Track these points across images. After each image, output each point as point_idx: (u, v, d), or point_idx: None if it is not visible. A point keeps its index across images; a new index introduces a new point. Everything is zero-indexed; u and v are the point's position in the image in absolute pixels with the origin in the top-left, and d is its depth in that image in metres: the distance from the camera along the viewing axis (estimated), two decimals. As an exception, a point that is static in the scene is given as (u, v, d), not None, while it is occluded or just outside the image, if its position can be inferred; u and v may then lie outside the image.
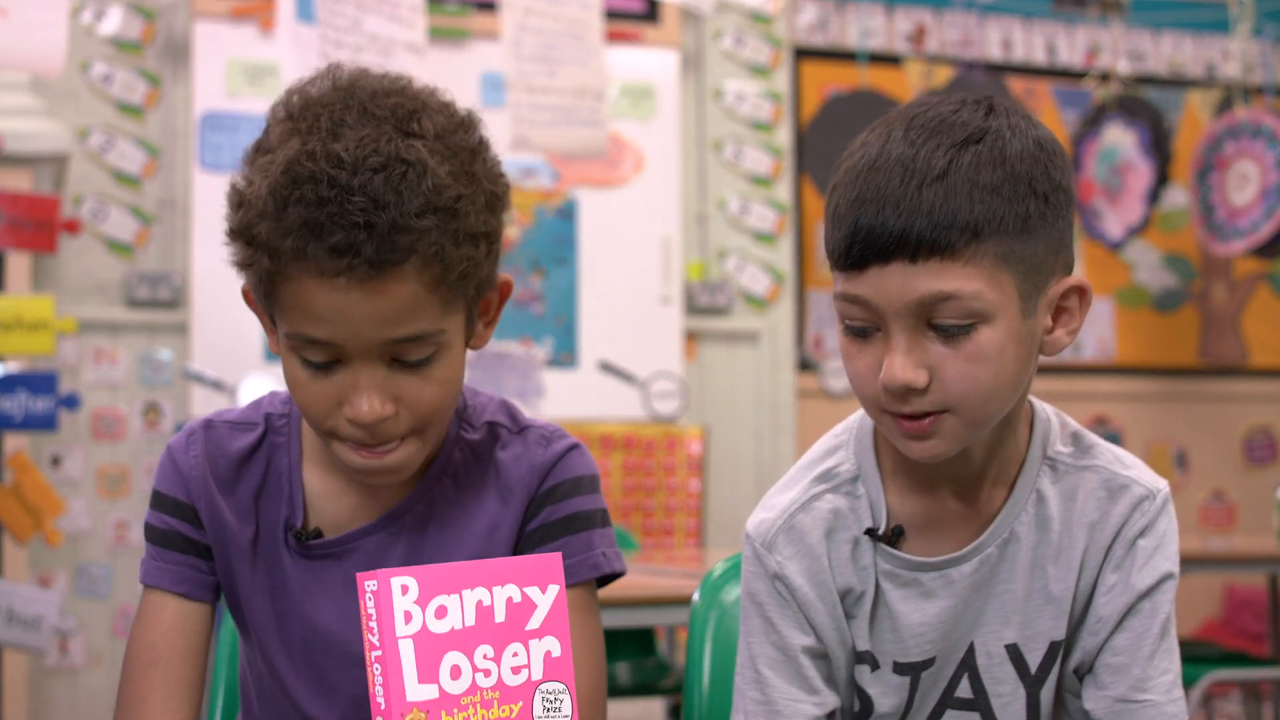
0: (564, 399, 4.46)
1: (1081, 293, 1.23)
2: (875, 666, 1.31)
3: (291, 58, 3.46)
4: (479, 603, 1.04)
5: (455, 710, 1.02)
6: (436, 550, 1.36)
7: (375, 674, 1.01)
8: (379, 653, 1.00)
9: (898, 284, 1.16)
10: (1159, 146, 4.95)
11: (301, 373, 1.26)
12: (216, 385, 4.13)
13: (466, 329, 1.31)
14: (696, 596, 1.60)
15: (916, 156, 1.16)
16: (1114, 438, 5.48)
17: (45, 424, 3.20)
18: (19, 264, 3.92)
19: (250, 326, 4.32)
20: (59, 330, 3.18)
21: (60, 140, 4.04)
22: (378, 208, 1.19)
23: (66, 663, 4.23)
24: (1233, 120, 5.00)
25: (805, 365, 5.07)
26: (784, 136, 5.00)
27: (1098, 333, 5.52)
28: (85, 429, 4.27)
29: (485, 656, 1.04)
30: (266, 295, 1.25)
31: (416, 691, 1.00)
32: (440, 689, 1.01)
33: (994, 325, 1.17)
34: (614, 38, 4.54)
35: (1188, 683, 3.19)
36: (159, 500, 1.37)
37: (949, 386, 1.17)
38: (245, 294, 1.33)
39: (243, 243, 1.24)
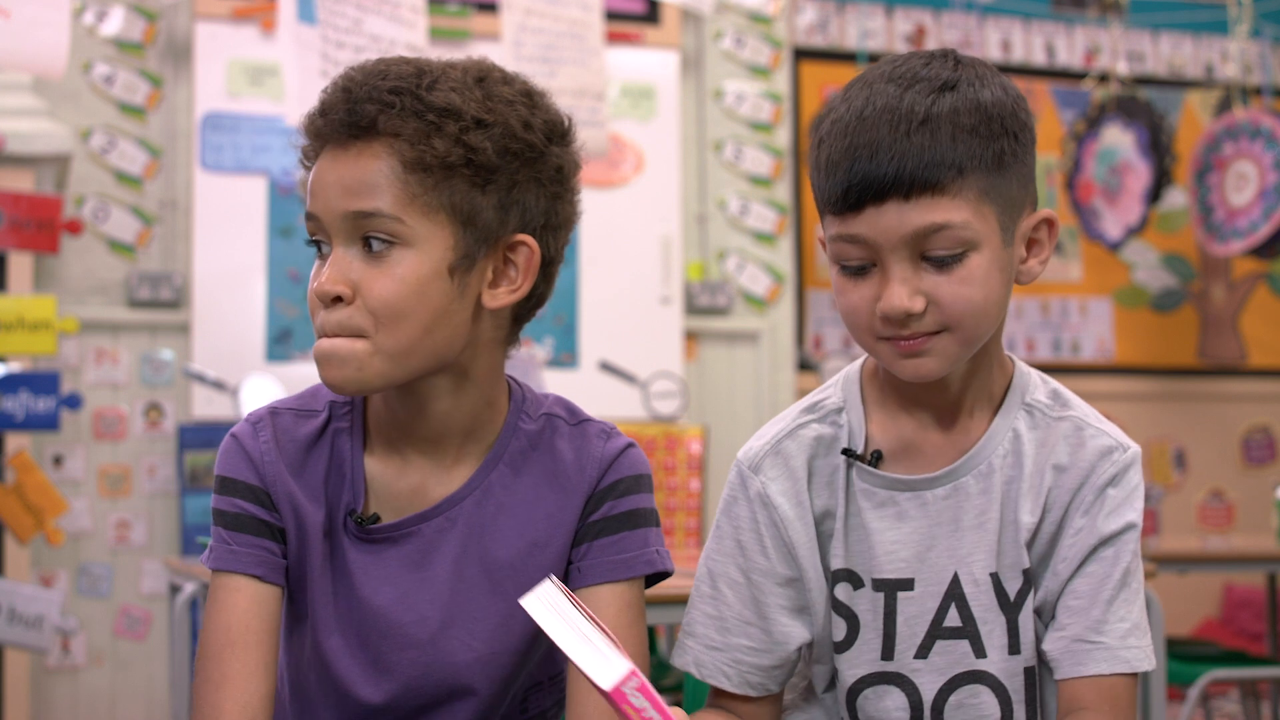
0: (564, 399, 4.46)
1: (1050, 224, 1.35)
2: (858, 584, 1.38)
3: (293, 59, 3.47)
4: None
5: None
6: (495, 534, 1.39)
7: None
8: None
9: (894, 220, 1.26)
10: (1157, 147, 4.96)
11: (315, 264, 1.34)
12: (218, 385, 4.14)
13: (457, 252, 1.32)
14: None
15: (900, 104, 1.27)
16: (1113, 437, 5.48)
17: (47, 424, 3.21)
18: (21, 264, 3.93)
19: (251, 327, 4.33)
20: (61, 330, 3.18)
21: (62, 141, 4.05)
22: (363, 84, 1.32)
23: (68, 662, 4.23)
24: (1231, 121, 5.00)
25: (805, 365, 5.08)
26: (784, 137, 5.01)
27: (1097, 333, 5.53)
28: (87, 429, 4.28)
29: None
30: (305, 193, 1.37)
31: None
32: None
33: (980, 252, 1.28)
34: (614, 38, 4.55)
35: (1187, 681, 3.20)
36: (229, 485, 1.37)
37: (945, 309, 1.27)
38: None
39: (302, 154, 1.37)
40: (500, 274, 1.35)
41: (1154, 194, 4.98)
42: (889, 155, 1.25)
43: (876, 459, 1.37)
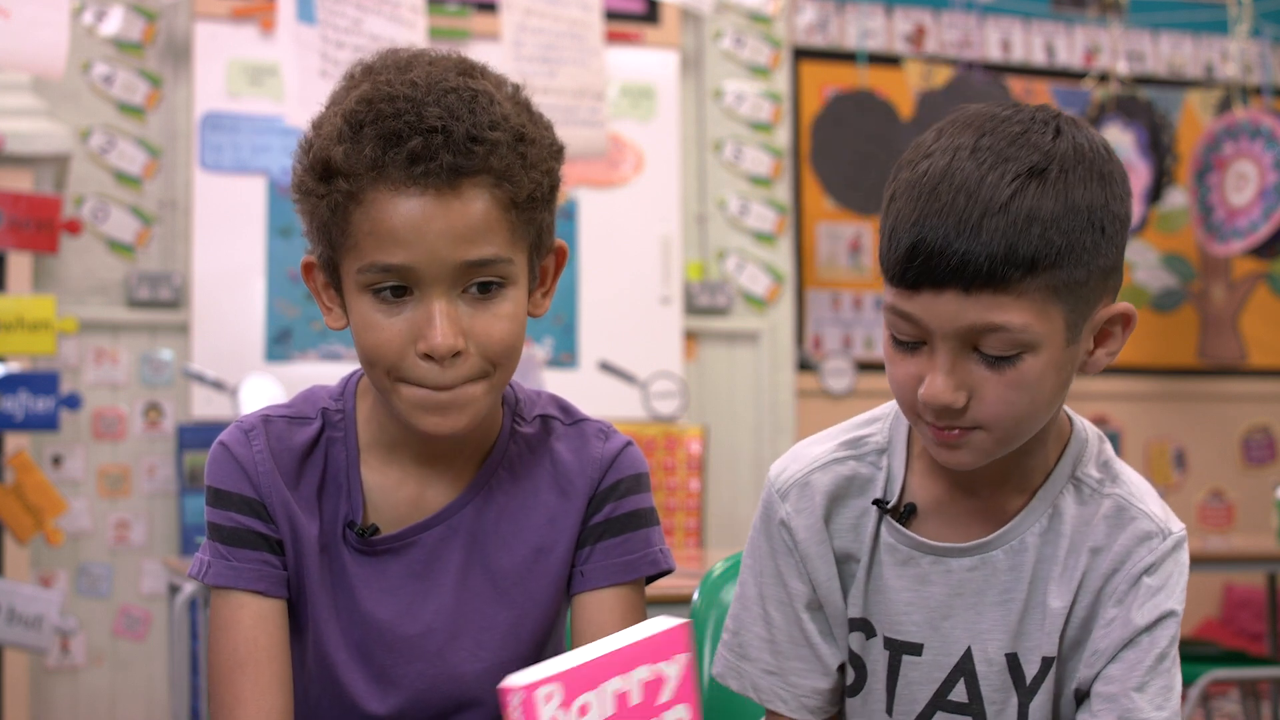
0: (564, 399, 4.46)
1: (1126, 320, 1.26)
2: (870, 634, 1.33)
3: (292, 58, 3.47)
4: (615, 691, 1.05)
5: None
6: (498, 542, 1.37)
7: None
8: None
9: (950, 310, 1.17)
10: (1157, 147, 4.96)
11: (374, 313, 1.27)
12: (217, 385, 4.13)
13: (530, 277, 1.32)
14: (696, 596, 1.61)
15: (983, 182, 1.16)
16: (1113, 437, 5.49)
17: (46, 424, 3.21)
18: (20, 264, 3.93)
19: (251, 327, 4.33)
20: (60, 330, 3.18)
21: (61, 140, 4.05)
22: (453, 118, 1.23)
23: (68, 662, 4.23)
24: (1231, 121, 5.00)
25: (805, 365, 5.08)
26: (784, 137, 5.01)
27: (1097, 333, 5.53)
28: (86, 429, 4.28)
29: None
30: (340, 232, 1.26)
31: None
32: None
33: (1038, 354, 1.19)
34: (614, 38, 4.55)
35: (1187, 681, 3.20)
36: (223, 498, 1.33)
37: (986, 409, 1.19)
38: (306, 268, 1.35)
39: (315, 178, 1.26)
40: (539, 281, 1.36)
41: (1154, 194, 4.97)
42: (955, 241, 1.14)
43: (908, 514, 1.30)
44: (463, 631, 1.37)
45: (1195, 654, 3.52)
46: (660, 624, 1.07)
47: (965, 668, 1.31)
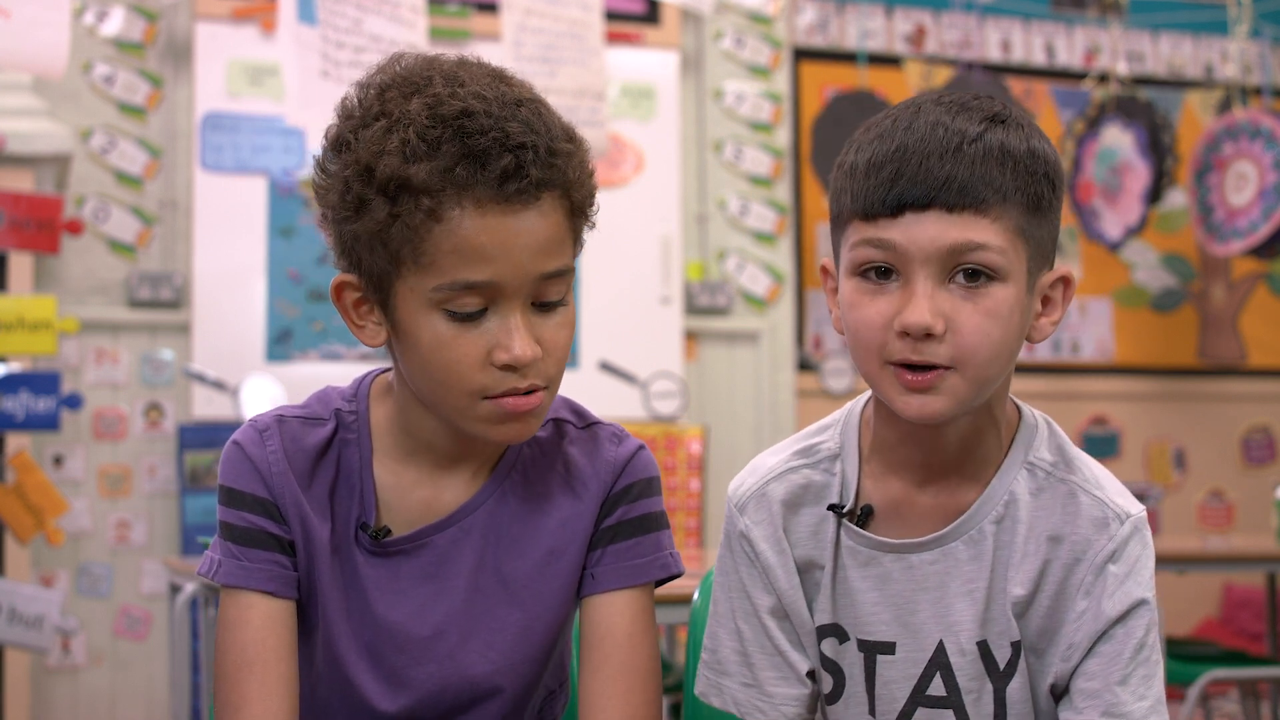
0: (564, 399, 4.46)
1: (1066, 283, 1.30)
2: (843, 639, 1.34)
3: (293, 59, 3.47)
4: None
5: None
6: (510, 544, 1.37)
7: None
8: None
9: (932, 231, 1.21)
10: (1157, 147, 4.96)
11: (448, 330, 1.26)
12: (218, 385, 4.14)
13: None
14: (696, 596, 1.61)
15: (953, 123, 1.23)
16: (1113, 438, 5.49)
17: (47, 424, 3.21)
18: (21, 264, 3.93)
19: (251, 327, 4.33)
20: (61, 330, 3.19)
21: (62, 141, 4.05)
22: (533, 133, 1.24)
23: (68, 662, 4.24)
24: (1231, 121, 5.00)
25: (805, 365, 5.08)
26: (784, 137, 5.01)
27: (1096, 333, 5.53)
28: (87, 429, 4.28)
29: None
30: (412, 250, 1.24)
31: None
32: None
33: (1007, 286, 1.23)
34: (614, 38, 4.55)
35: (1186, 681, 3.20)
36: (235, 498, 1.33)
37: (962, 338, 1.22)
38: (337, 288, 1.31)
39: (382, 196, 1.23)
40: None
41: (1154, 194, 4.98)
42: (940, 161, 1.21)
43: (866, 516, 1.32)
44: (474, 633, 1.37)
45: (1195, 654, 3.51)
46: None
47: (940, 660, 1.32)
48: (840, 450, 1.35)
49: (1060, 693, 1.32)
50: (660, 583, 1.41)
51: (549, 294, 1.28)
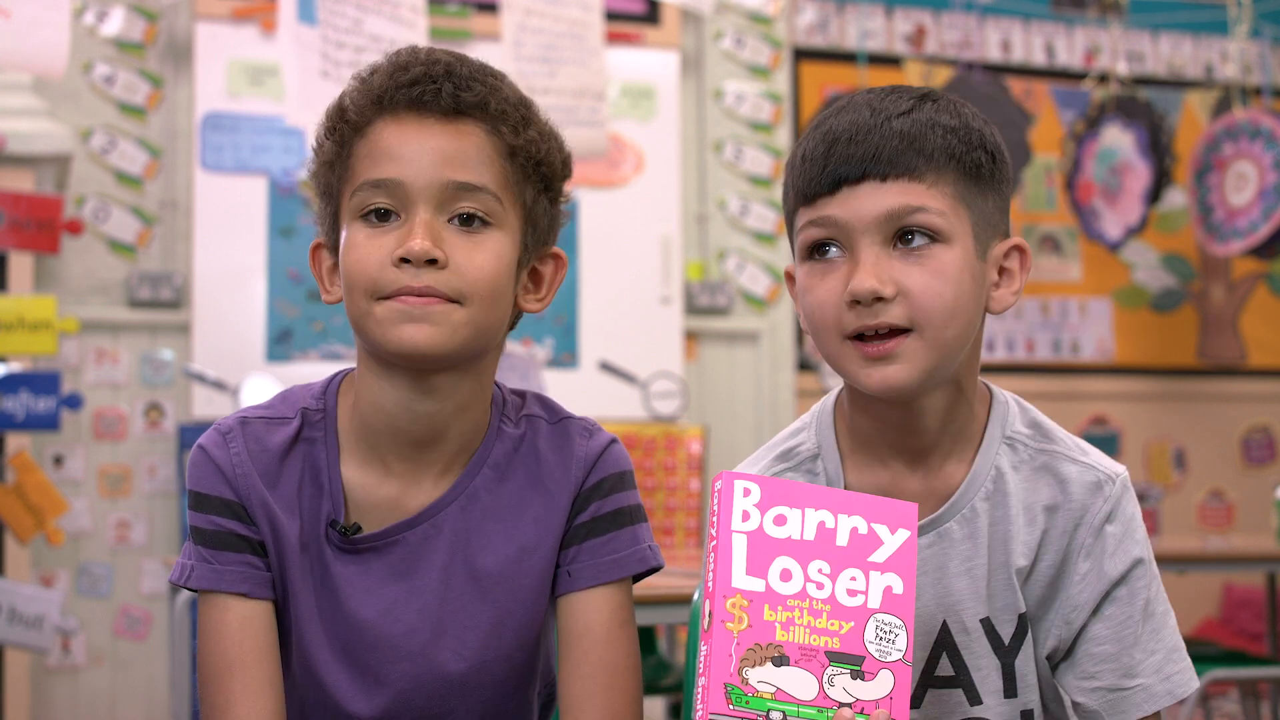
0: (564, 399, 4.44)
1: (1021, 251, 1.32)
2: None
3: (293, 59, 3.47)
4: (821, 523, 1.14)
5: (779, 608, 1.13)
6: (482, 542, 1.37)
7: (709, 562, 1.12)
8: (714, 542, 1.12)
9: (868, 200, 1.25)
10: (1157, 147, 4.96)
11: (361, 234, 1.29)
12: (218, 385, 4.14)
13: (522, 247, 1.34)
14: (696, 596, 1.61)
15: (881, 104, 1.28)
16: (1113, 438, 5.49)
17: (47, 424, 3.21)
18: (21, 264, 3.93)
19: (251, 327, 4.33)
20: (61, 330, 3.19)
21: (62, 141, 4.05)
22: (460, 63, 1.33)
23: (68, 662, 4.24)
24: (1231, 121, 5.00)
25: (805, 365, 5.08)
26: (784, 137, 5.01)
27: (1096, 333, 5.53)
28: (87, 429, 4.28)
29: (820, 571, 1.14)
30: (342, 170, 1.31)
31: (742, 580, 1.13)
32: (767, 584, 1.13)
33: (952, 248, 1.26)
34: (614, 38, 4.55)
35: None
36: (203, 501, 1.34)
37: (914, 299, 1.24)
38: (313, 250, 1.38)
39: (327, 134, 1.33)
40: (534, 282, 1.38)
41: (1154, 194, 4.98)
42: (867, 137, 1.26)
43: None
44: (445, 630, 1.36)
45: (1195, 654, 3.50)
46: (894, 501, 1.17)
47: (945, 641, 1.33)
48: (819, 449, 1.37)
49: (1059, 659, 1.34)
50: (639, 577, 1.41)
51: (462, 205, 1.29)
